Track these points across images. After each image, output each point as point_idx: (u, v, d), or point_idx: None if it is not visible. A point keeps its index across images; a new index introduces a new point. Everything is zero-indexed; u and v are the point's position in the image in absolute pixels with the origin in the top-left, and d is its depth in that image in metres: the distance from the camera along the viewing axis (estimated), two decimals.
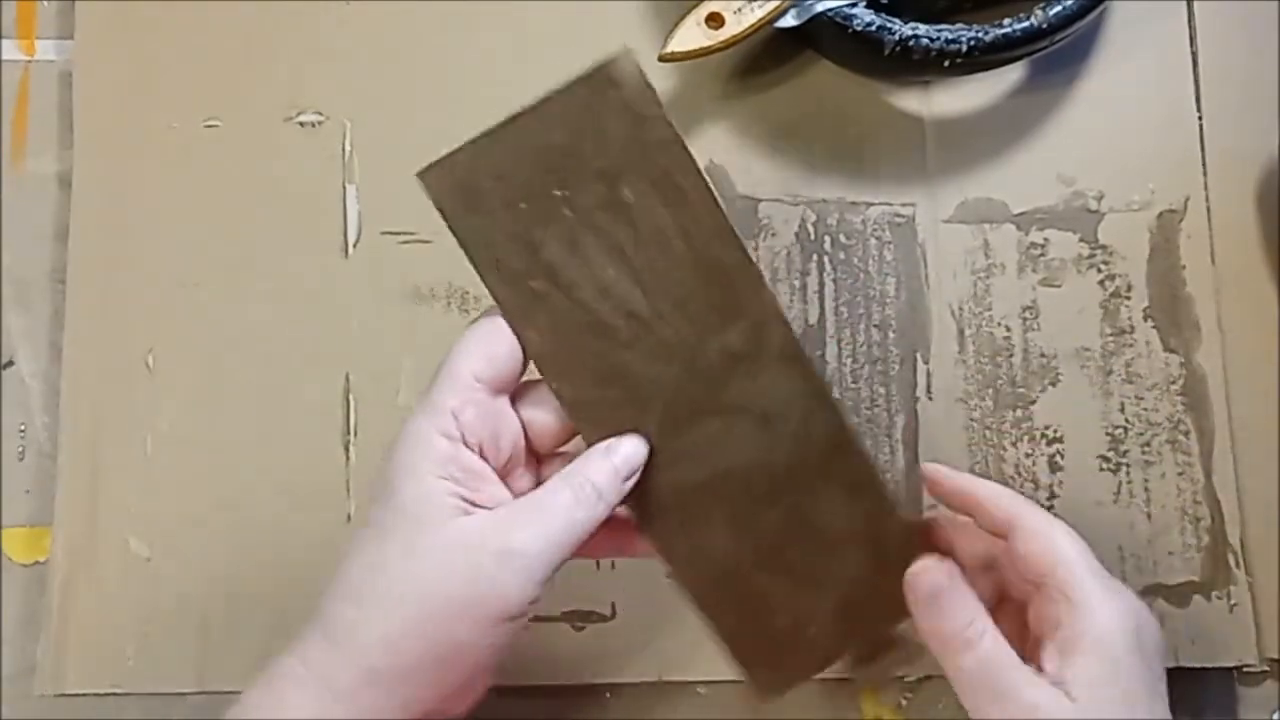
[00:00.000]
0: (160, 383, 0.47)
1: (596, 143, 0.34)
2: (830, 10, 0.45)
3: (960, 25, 0.45)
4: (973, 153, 0.49)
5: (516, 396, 0.36)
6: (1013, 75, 0.50)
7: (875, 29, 0.45)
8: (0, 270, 0.48)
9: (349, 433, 0.46)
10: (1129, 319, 0.48)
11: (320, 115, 0.49)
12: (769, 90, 0.50)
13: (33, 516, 0.46)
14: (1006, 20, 0.45)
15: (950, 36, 0.45)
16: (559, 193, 0.34)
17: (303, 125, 0.49)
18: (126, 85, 0.49)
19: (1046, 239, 0.49)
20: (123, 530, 0.45)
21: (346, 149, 0.49)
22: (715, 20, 0.44)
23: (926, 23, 0.45)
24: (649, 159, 0.34)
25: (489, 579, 0.32)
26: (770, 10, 0.44)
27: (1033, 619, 0.36)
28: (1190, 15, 0.50)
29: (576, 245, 0.34)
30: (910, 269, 0.48)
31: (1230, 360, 0.48)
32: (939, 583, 0.36)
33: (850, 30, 0.45)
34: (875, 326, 0.48)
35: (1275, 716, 0.45)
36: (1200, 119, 0.50)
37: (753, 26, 0.44)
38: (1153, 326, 0.48)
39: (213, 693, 0.44)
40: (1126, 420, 0.47)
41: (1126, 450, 0.47)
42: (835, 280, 0.48)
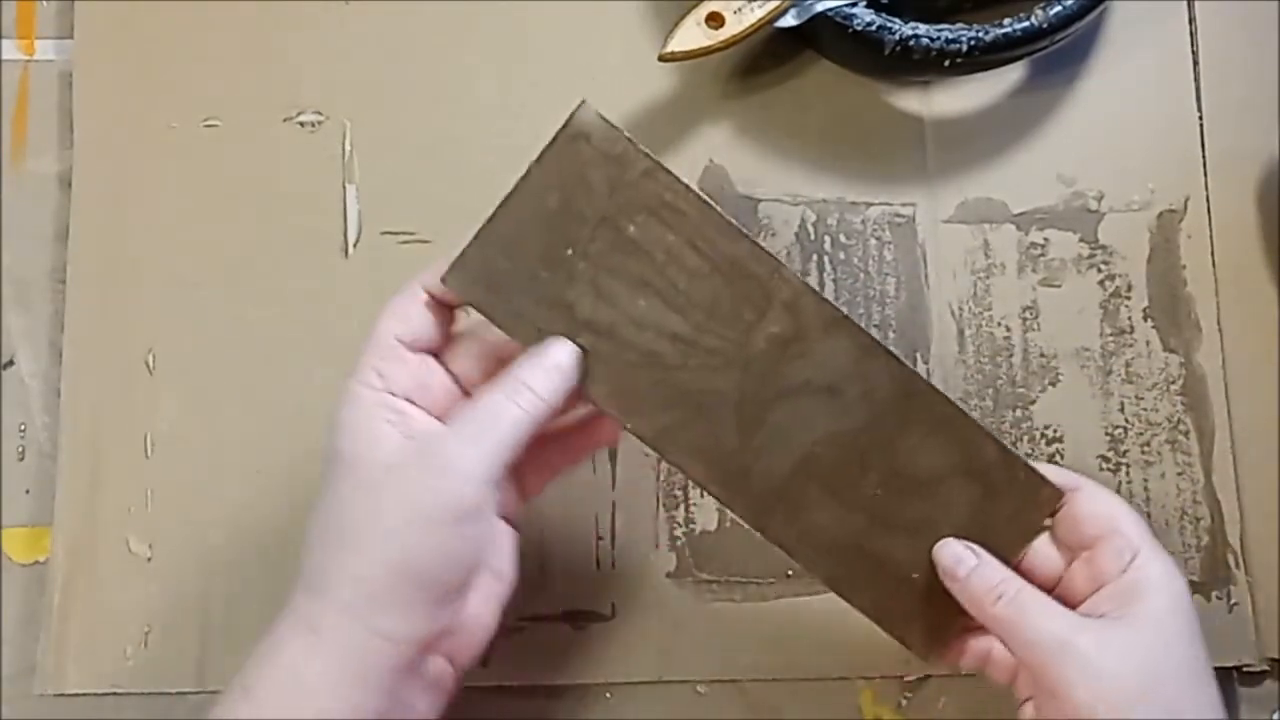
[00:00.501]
0: (160, 383, 0.47)
1: (587, 195, 0.35)
2: (830, 10, 0.45)
3: (960, 25, 0.45)
4: (973, 153, 0.49)
5: (445, 351, 0.37)
6: (1013, 75, 0.50)
7: (875, 29, 0.45)
8: (0, 270, 0.48)
9: None
10: (1129, 319, 0.48)
11: (320, 115, 0.49)
12: (769, 90, 0.50)
13: (33, 516, 0.46)
14: (1006, 20, 0.45)
15: (950, 36, 0.45)
16: (570, 251, 0.36)
17: (303, 125, 0.49)
18: (126, 85, 0.49)
19: (1046, 239, 0.49)
20: (123, 530, 0.45)
21: (346, 149, 0.49)
22: (715, 20, 0.44)
23: (926, 23, 0.45)
24: (639, 192, 0.36)
25: (427, 488, 0.33)
26: (770, 10, 0.44)
27: (1084, 578, 0.37)
28: (1190, 15, 0.50)
29: (602, 292, 0.36)
30: (910, 269, 0.48)
31: (1230, 360, 0.48)
32: (961, 554, 0.37)
33: (850, 30, 0.45)
34: (875, 326, 0.48)
35: (1275, 716, 0.45)
36: (1200, 119, 0.50)
37: (753, 26, 0.44)
38: (1153, 326, 0.48)
39: (213, 692, 0.44)
40: (1126, 420, 0.47)
41: (1126, 450, 0.47)
42: (835, 280, 0.48)
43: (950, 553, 0.37)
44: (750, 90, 0.50)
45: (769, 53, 0.49)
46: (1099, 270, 0.48)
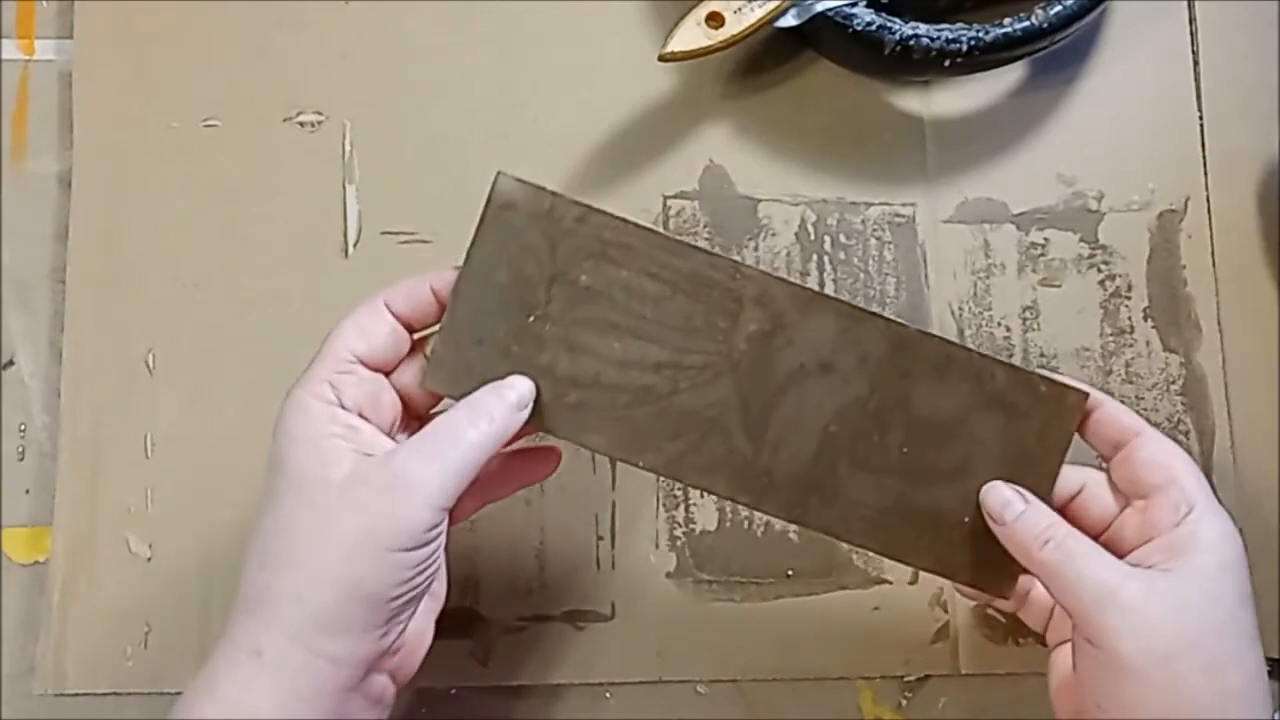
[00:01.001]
0: (160, 383, 0.47)
1: (531, 260, 0.36)
2: (830, 10, 0.45)
3: (960, 25, 0.45)
4: (973, 153, 0.49)
5: (394, 368, 0.37)
6: (1013, 75, 0.50)
7: (875, 29, 0.45)
8: (0, 270, 0.48)
9: None
10: (1129, 319, 0.48)
11: (320, 115, 0.49)
12: (769, 90, 0.50)
13: (33, 516, 0.46)
14: (1006, 20, 0.45)
15: (950, 36, 0.45)
16: (532, 318, 0.36)
17: (303, 125, 0.49)
18: (126, 85, 0.49)
19: (1046, 239, 0.49)
20: (123, 530, 0.46)
21: (346, 149, 0.49)
22: (715, 20, 0.44)
23: (926, 23, 0.45)
24: (578, 240, 0.36)
25: (382, 511, 0.32)
26: (770, 10, 0.44)
27: (1135, 528, 0.36)
28: (1190, 15, 0.50)
29: (575, 346, 0.36)
30: (910, 269, 0.48)
31: (1230, 360, 0.48)
32: (1009, 498, 0.36)
33: (850, 30, 0.45)
34: None
35: (1275, 716, 0.45)
36: (1200, 119, 0.50)
37: (753, 26, 0.44)
38: (1152, 326, 0.48)
39: None
40: None
41: None
42: (835, 280, 0.48)
43: (998, 496, 0.36)
44: (750, 90, 0.50)
45: (769, 53, 0.49)
46: (1099, 270, 0.48)
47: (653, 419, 0.36)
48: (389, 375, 0.36)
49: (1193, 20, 0.50)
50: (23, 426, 0.47)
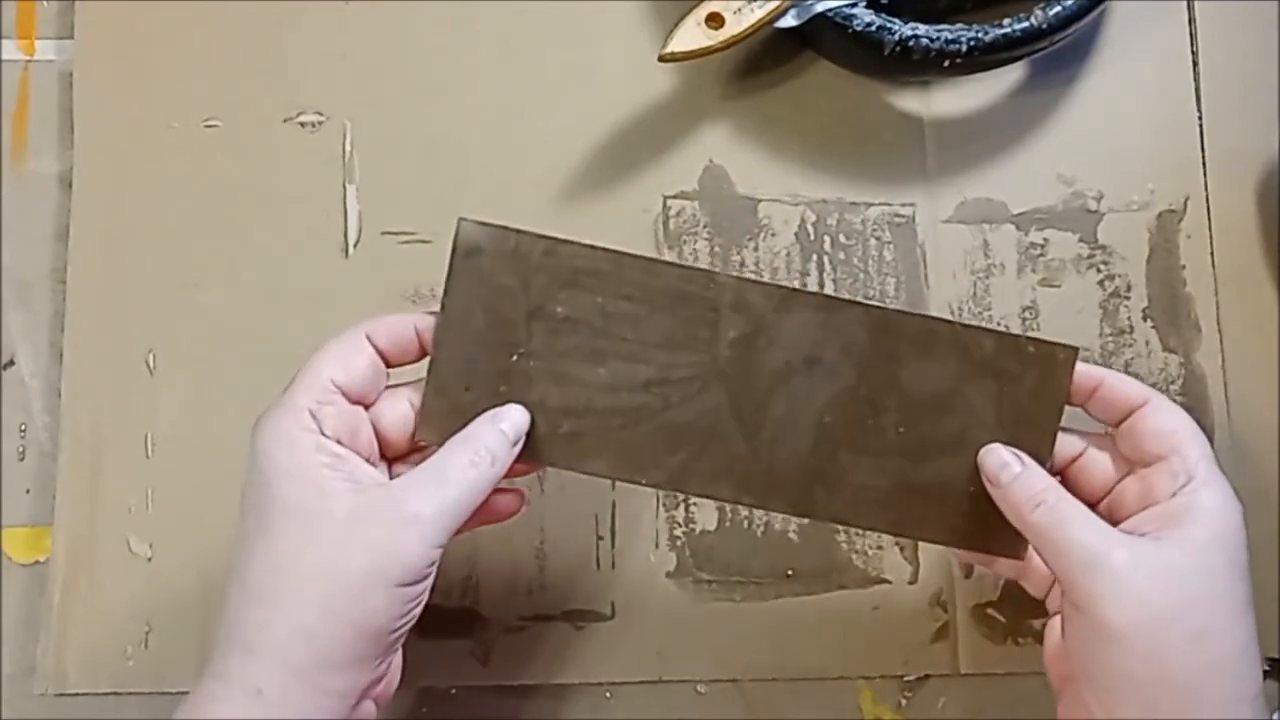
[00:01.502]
0: (160, 383, 0.47)
1: (507, 299, 0.36)
2: (830, 10, 0.45)
3: (960, 25, 0.45)
4: (972, 153, 0.49)
5: (368, 402, 0.36)
6: (1013, 75, 0.50)
7: (875, 29, 0.45)
8: (0, 270, 0.48)
9: None
10: (1129, 319, 0.48)
11: (320, 115, 0.49)
12: (769, 90, 0.50)
13: (33, 516, 0.46)
14: (1006, 20, 0.45)
15: (950, 36, 0.45)
16: (514, 357, 0.36)
17: (303, 125, 0.49)
18: (126, 85, 0.49)
19: (1046, 239, 0.49)
20: (123, 530, 0.46)
21: (346, 149, 0.49)
22: (715, 20, 0.44)
23: (926, 23, 0.45)
24: (549, 273, 0.36)
25: (389, 549, 0.32)
26: (770, 10, 0.44)
27: (1134, 495, 0.36)
28: (1190, 15, 0.50)
29: (561, 378, 0.36)
30: (910, 269, 0.48)
31: (1230, 360, 0.48)
32: (1006, 459, 0.36)
33: (850, 30, 0.45)
34: None
35: (1275, 716, 0.45)
36: (1200, 119, 0.50)
37: (753, 26, 0.44)
38: (1152, 326, 0.48)
39: None
40: None
41: None
42: (835, 280, 0.48)
43: (995, 458, 0.36)
44: (750, 90, 0.50)
45: (769, 53, 0.49)
46: (1099, 270, 0.48)
47: (650, 437, 0.37)
48: (366, 409, 0.36)
49: (1192, 20, 0.50)
50: (23, 426, 0.47)
